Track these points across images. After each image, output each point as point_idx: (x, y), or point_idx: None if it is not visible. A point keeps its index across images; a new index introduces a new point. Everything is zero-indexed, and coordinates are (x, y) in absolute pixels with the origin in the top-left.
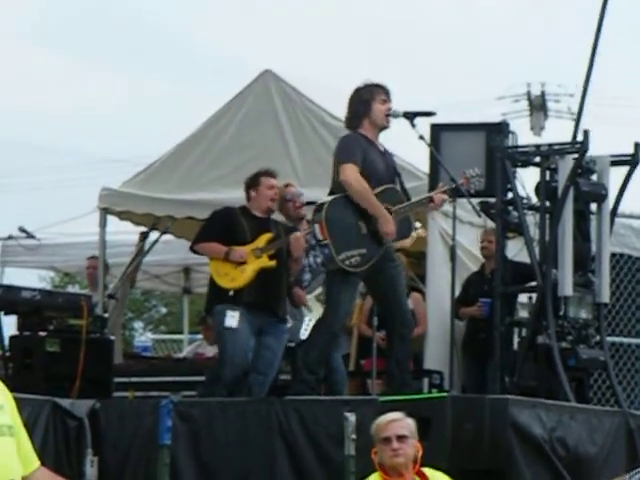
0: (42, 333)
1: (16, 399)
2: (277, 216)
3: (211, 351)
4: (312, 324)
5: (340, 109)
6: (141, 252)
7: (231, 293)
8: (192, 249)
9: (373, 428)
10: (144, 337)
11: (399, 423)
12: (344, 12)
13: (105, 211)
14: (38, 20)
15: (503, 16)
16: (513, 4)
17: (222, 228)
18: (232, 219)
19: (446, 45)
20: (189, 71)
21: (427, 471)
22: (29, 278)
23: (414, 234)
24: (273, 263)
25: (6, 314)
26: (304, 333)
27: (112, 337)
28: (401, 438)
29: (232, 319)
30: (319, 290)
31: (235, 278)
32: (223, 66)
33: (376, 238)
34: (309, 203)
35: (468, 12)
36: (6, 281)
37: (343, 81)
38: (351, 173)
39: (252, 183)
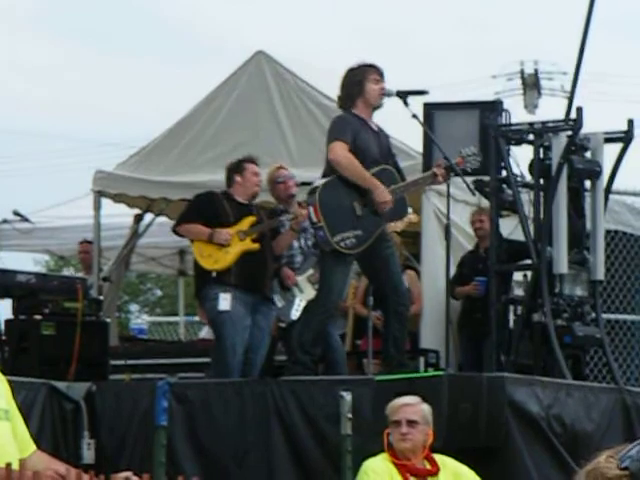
0: (37, 316)
1: (12, 383)
2: (266, 197)
3: (208, 332)
4: (303, 305)
5: (333, 89)
6: (136, 234)
7: (214, 274)
8: (174, 231)
9: (387, 409)
10: (140, 320)
11: (412, 408)
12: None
13: (99, 194)
14: (29, 4)
15: None
16: None
17: (205, 211)
18: (215, 202)
19: (439, 25)
20: (180, 51)
21: (437, 457)
22: (24, 262)
23: (406, 219)
24: (256, 246)
25: (1, 298)
26: (295, 314)
27: (107, 320)
28: (411, 423)
29: (225, 302)
30: (310, 271)
31: (218, 260)
32: (215, 46)
33: (372, 217)
34: (304, 184)
35: None
36: (0, 265)
37: (336, 61)
38: (339, 150)
39: (236, 168)
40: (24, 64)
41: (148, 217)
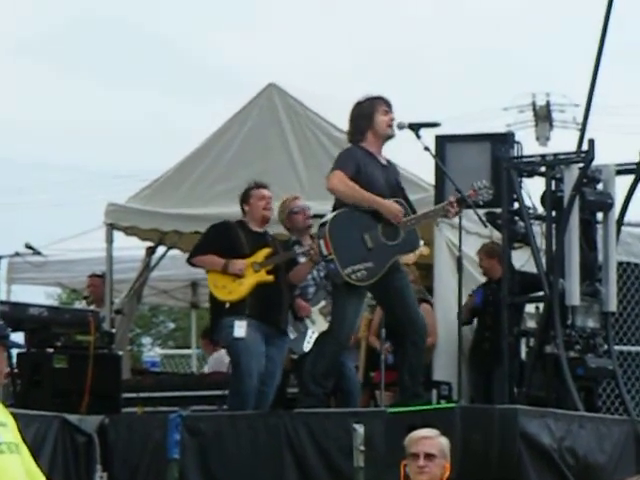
0: (50, 349)
1: (24, 416)
2: (281, 229)
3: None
4: (315, 337)
5: (345, 122)
6: (148, 267)
7: (227, 305)
8: (189, 262)
9: (406, 440)
10: (152, 352)
11: (430, 441)
12: (346, 27)
13: (111, 227)
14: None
15: (507, 28)
16: (517, 15)
17: (220, 241)
18: (230, 233)
19: (451, 57)
20: (192, 85)
21: None
22: (36, 295)
23: (417, 251)
24: (271, 278)
25: (14, 331)
26: (307, 346)
27: (120, 353)
28: (429, 456)
29: (240, 329)
30: (322, 303)
31: (233, 291)
32: (226, 80)
33: (383, 249)
34: (315, 216)
35: (472, 24)
36: (13, 298)
37: (345, 95)
38: (335, 179)
39: (244, 198)
40: (33, 96)
41: (160, 250)
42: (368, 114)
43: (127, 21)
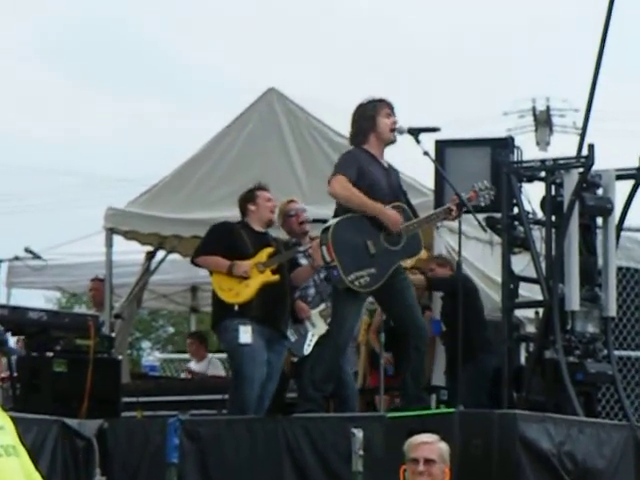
0: (49, 354)
1: (24, 420)
2: (278, 232)
3: (196, 367)
4: (315, 339)
5: (345, 126)
6: (147, 272)
7: (236, 308)
8: (193, 262)
9: (405, 446)
10: (152, 357)
11: (429, 446)
12: (345, 33)
13: (111, 231)
14: (39, 44)
15: (507, 32)
16: (517, 20)
17: (224, 242)
18: (234, 233)
19: (451, 61)
20: (191, 89)
21: None
22: (35, 299)
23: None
24: (276, 278)
25: (13, 335)
26: (307, 349)
27: (119, 357)
28: (428, 462)
29: (246, 335)
30: (322, 306)
31: (240, 293)
32: (224, 87)
33: (385, 255)
34: (315, 220)
35: (472, 28)
36: (13, 302)
37: (345, 100)
38: (336, 184)
39: (249, 198)
40: (34, 101)
41: (160, 254)
42: (371, 116)
43: (126, 29)
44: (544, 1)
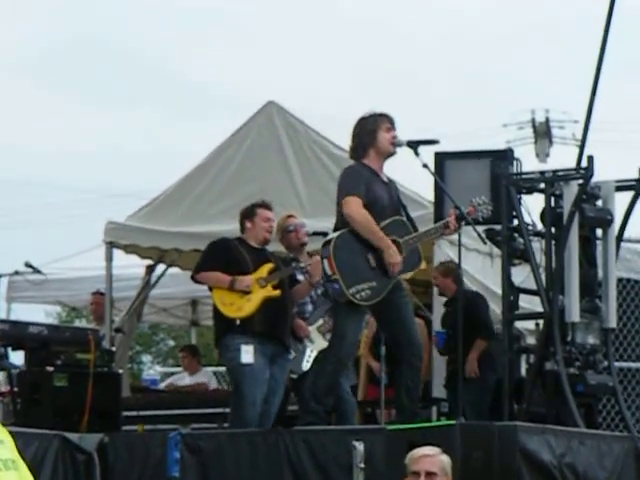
0: (50, 368)
1: (24, 434)
2: (277, 246)
3: (190, 380)
4: (314, 355)
5: (344, 139)
6: (147, 285)
7: (238, 322)
8: (194, 278)
9: (407, 459)
10: (152, 370)
11: (431, 459)
12: (346, 45)
13: (111, 245)
14: (27, 54)
15: (506, 44)
16: (516, 31)
17: (224, 258)
18: (232, 249)
19: (450, 73)
20: (190, 104)
21: None
22: (35, 313)
23: None
24: (278, 292)
25: (14, 350)
26: (306, 365)
27: (120, 371)
28: (430, 475)
29: (248, 355)
30: (320, 322)
31: (242, 307)
32: (227, 99)
33: (385, 270)
34: (315, 233)
35: (470, 40)
36: (13, 317)
37: (345, 112)
38: (354, 206)
39: (248, 214)
40: (36, 113)
41: (160, 268)
42: (371, 130)
43: (126, 44)
44: (543, 11)
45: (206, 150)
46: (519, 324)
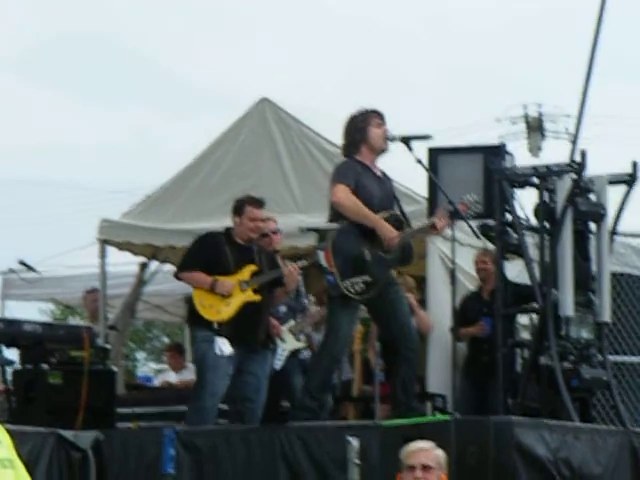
0: (44, 366)
1: (20, 432)
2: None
3: (175, 378)
4: (285, 354)
5: (337, 135)
6: (141, 282)
7: (215, 326)
8: (177, 276)
9: (402, 453)
10: (146, 367)
11: (426, 453)
12: (337, 40)
13: (105, 242)
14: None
15: (498, 39)
16: (507, 26)
17: (206, 256)
18: (216, 248)
19: (441, 69)
20: (183, 102)
21: None
22: (29, 311)
23: None
24: (258, 297)
25: (8, 347)
26: (277, 363)
27: (114, 368)
28: (426, 468)
29: (216, 346)
30: (292, 322)
31: (220, 311)
32: (217, 97)
33: (380, 264)
34: (310, 230)
35: (462, 36)
36: (7, 314)
37: (337, 108)
38: (341, 193)
39: (237, 209)
40: (25, 111)
41: (154, 265)
42: (362, 127)
43: (120, 41)
44: (534, 3)
45: (199, 147)
46: None
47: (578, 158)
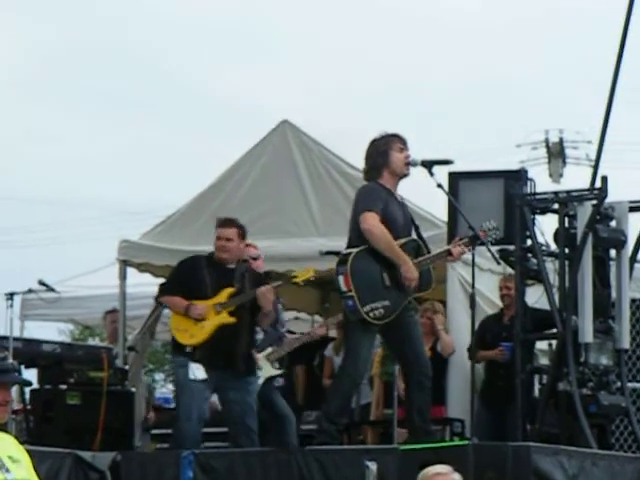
0: (63, 386)
1: (37, 452)
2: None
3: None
4: (261, 382)
5: (358, 158)
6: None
7: (188, 350)
8: (157, 301)
9: (419, 477)
10: (165, 389)
11: (444, 477)
12: (360, 61)
13: (125, 263)
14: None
15: (519, 65)
16: (530, 52)
17: (185, 281)
18: (196, 272)
19: (464, 94)
20: (205, 122)
21: None
22: (48, 331)
23: None
24: (232, 320)
25: (27, 367)
26: None
27: (133, 389)
28: None
29: (197, 371)
30: (269, 350)
31: (194, 335)
32: (239, 117)
33: (399, 289)
34: (329, 253)
35: (484, 61)
36: (26, 334)
37: (360, 132)
38: (373, 221)
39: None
40: (45, 132)
41: None
42: (384, 152)
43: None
44: (556, 32)
45: (221, 169)
46: None
47: (599, 184)
